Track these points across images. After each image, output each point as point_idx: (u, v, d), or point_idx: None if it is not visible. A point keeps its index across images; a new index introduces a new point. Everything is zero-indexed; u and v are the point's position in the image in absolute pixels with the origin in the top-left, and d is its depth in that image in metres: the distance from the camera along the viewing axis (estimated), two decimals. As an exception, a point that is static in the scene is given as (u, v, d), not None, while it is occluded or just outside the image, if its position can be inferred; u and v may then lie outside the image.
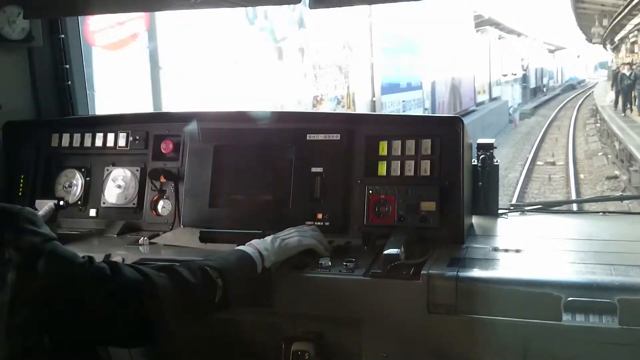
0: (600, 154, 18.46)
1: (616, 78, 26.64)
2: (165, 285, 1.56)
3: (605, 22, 31.56)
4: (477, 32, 27.14)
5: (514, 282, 1.78)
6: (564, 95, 52.30)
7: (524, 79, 42.72)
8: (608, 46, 44.14)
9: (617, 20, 28.10)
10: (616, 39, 36.38)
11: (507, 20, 33.00)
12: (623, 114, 23.19)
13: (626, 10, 24.44)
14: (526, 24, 42.54)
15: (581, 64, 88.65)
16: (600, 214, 2.62)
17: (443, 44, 21.01)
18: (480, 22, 26.76)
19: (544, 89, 53.35)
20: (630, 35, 31.63)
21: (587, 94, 48.59)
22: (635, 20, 26.20)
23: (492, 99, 29.58)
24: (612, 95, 29.70)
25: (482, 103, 27.21)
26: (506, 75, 34.79)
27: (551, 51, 60.78)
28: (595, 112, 29.06)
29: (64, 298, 1.42)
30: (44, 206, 2.39)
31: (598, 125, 24.76)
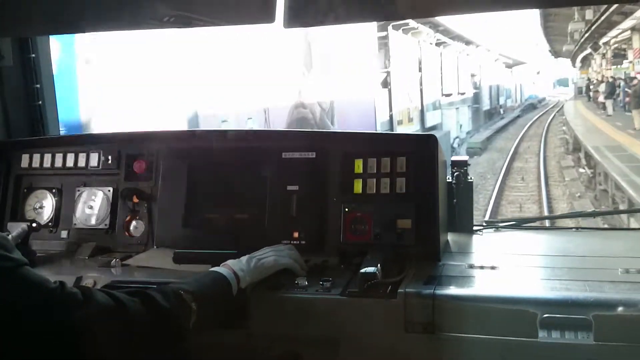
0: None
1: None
2: (138, 310, 1.54)
3: (588, 14, 25.31)
4: (397, 31, 19.78)
5: (490, 299, 1.79)
6: (525, 117, 45.51)
7: (476, 99, 34.78)
8: (584, 53, 38.02)
9: (604, 16, 21.57)
10: (601, 41, 30.11)
11: (450, 22, 24.89)
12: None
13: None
14: (477, 31, 33.05)
15: (541, 80, 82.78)
16: (574, 229, 2.65)
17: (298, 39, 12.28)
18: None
19: (501, 110, 45.97)
20: (613, 41, 25.93)
21: (552, 114, 42.24)
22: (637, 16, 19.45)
23: (426, 130, 21.17)
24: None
25: (406, 138, 18.34)
26: (450, 95, 27.33)
27: (509, 66, 54.09)
28: (572, 145, 20.55)
29: (35, 324, 1.38)
30: (16, 228, 2.34)
31: (585, 172, 16.62)
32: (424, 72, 22.80)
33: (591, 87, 38.72)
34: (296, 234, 2.22)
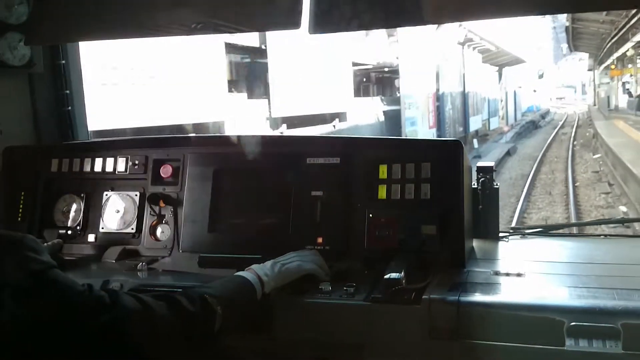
0: None
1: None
2: (164, 314, 1.55)
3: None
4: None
5: (516, 306, 1.77)
6: (521, 153, 24.91)
7: (394, 127, 17.27)
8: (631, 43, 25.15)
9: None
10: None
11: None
12: None
13: None
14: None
15: (544, 87, 61.59)
16: (602, 237, 2.61)
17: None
18: None
19: (475, 142, 24.84)
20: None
21: (567, 144, 26.05)
22: None
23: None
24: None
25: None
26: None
27: (494, 62, 32.87)
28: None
29: (63, 326, 1.41)
30: (51, 239, 2.39)
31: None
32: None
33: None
34: (320, 240, 2.22)
